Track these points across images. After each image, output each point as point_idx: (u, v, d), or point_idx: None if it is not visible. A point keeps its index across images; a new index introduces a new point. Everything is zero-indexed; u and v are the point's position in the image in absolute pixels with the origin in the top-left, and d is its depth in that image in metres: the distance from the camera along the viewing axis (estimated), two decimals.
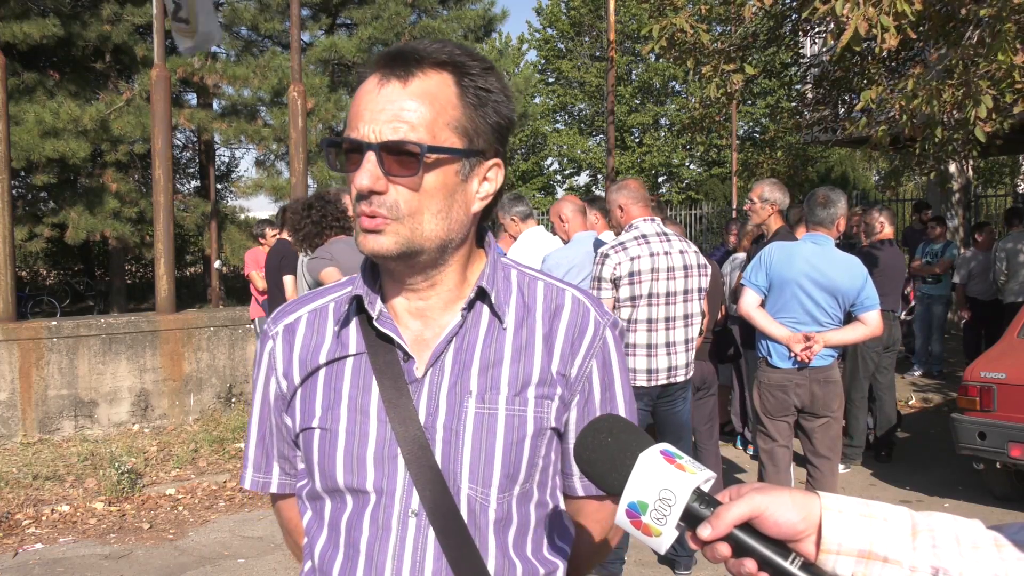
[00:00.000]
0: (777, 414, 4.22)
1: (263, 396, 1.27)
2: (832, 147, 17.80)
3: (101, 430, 7.12)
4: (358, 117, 1.10)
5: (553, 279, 1.27)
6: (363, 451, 1.15)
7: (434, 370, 1.16)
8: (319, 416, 1.18)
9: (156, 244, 7.80)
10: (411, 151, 1.08)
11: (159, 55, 7.85)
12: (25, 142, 11.86)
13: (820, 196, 4.22)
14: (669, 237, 4.10)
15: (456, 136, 1.12)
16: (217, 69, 13.90)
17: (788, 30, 8.89)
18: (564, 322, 1.21)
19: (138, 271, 22.92)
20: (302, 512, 1.25)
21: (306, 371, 1.21)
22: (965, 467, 5.72)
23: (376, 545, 1.14)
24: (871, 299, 4.12)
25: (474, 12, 16.49)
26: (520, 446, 1.15)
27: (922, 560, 0.87)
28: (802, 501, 0.88)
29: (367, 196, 1.09)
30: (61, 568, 4.55)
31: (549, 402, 1.18)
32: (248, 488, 1.30)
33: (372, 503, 1.14)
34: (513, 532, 1.17)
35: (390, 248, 1.10)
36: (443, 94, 1.10)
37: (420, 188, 1.10)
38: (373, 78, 1.12)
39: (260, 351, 1.28)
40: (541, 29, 28.11)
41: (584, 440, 0.97)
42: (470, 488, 1.14)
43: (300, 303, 1.28)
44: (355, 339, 1.20)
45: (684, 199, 25.41)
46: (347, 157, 1.12)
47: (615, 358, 1.24)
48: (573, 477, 1.25)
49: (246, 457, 1.31)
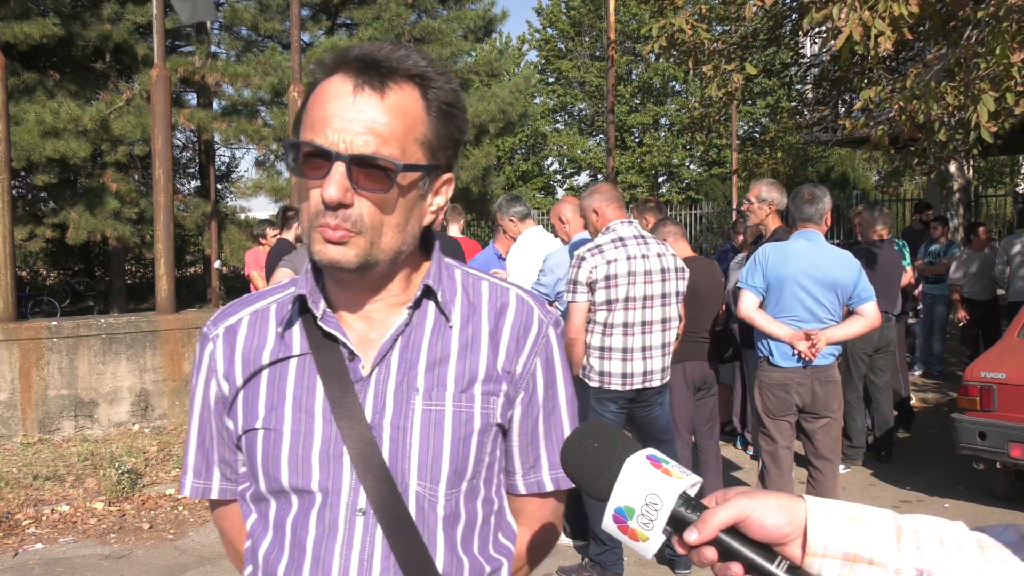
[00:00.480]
0: (779, 414, 4.21)
1: (203, 400, 1.25)
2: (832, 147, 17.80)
3: (101, 430, 7.12)
4: (325, 122, 1.07)
5: (496, 279, 1.28)
6: (308, 451, 1.14)
7: (380, 369, 1.16)
8: (263, 417, 1.17)
9: (156, 244, 7.80)
10: (384, 167, 1.07)
11: (159, 55, 7.85)
12: (25, 142, 11.86)
13: (806, 193, 4.24)
14: (647, 240, 4.06)
15: (422, 151, 1.12)
16: (217, 68, 13.91)
17: (788, 30, 8.89)
18: (509, 320, 1.22)
19: (138, 271, 22.92)
20: (246, 515, 1.24)
21: (248, 372, 1.20)
22: (965, 467, 5.72)
23: (323, 545, 1.13)
24: (867, 291, 4.15)
25: (474, 12, 16.49)
26: (467, 442, 1.16)
27: (907, 562, 0.87)
28: (787, 504, 0.89)
29: (334, 208, 1.07)
30: (61, 568, 4.55)
31: (495, 398, 1.19)
32: (188, 496, 1.28)
33: (318, 503, 1.14)
34: (461, 529, 1.18)
35: (351, 260, 1.10)
36: (413, 108, 1.10)
37: (384, 203, 1.10)
38: (343, 82, 1.09)
39: (200, 354, 1.25)
40: (541, 29, 28.12)
41: (571, 446, 0.97)
42: (419, 485, 1.14)
43: (241, 305, 1.27)
44: (299, 340, 1.19)
45: (684, 199, 25.41)
46: (306, 160, 1.09)
47: (557, 356, 1.26)
48: (516, 475, 1.26)
49: (185, 463, 1.28)
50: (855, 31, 4.98)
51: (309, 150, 1.08)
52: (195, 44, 15.52)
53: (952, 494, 5.58)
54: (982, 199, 16.53)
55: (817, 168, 24.62)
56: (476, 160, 15.59)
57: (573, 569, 4.33)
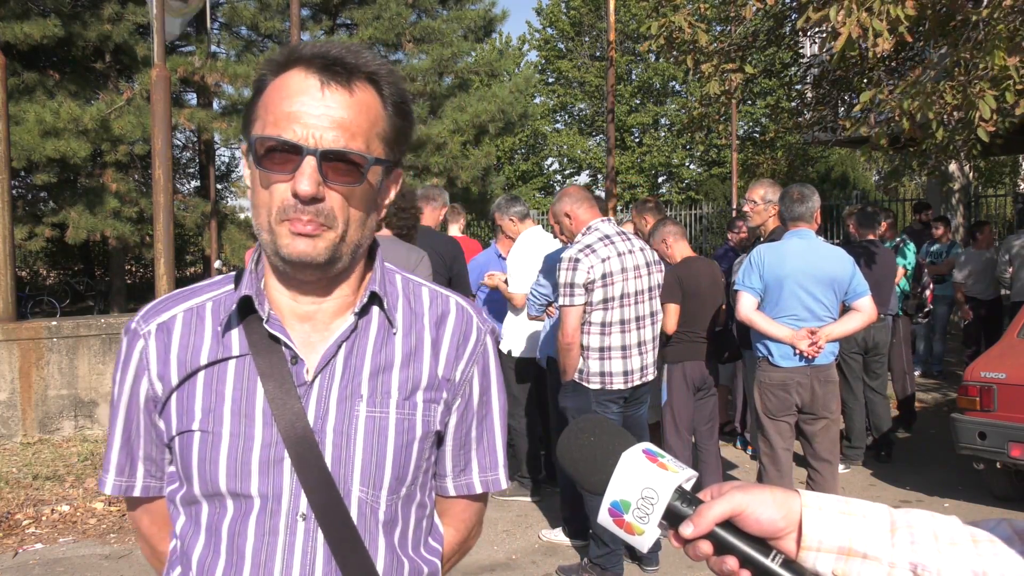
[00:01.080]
0: (779, 414, 4.21)
1: (131, 397, 1.22)
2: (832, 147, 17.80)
3: (101, 430, 7.12)
4: (292, 117, 1.07)
5: (435, 286, 1.30)
6: (248, 455, 1.13)
7: (324, 374, 1.16)
8: (199, 419, 1.15)
9: (156, 244, 7.80)
10: (354, 161, 1.09)
11: (159, 55, 7.85)
12: (25, 142, 11.86)
13: (795, 192, 4.25)
14: (627, 235, 4.09)
15: (382, 147, 1.14)
16: (217, 68, 13.90)
17: (788, 30, 8.88)
18: (449, 328, 1.24)
19: (138, 271, 22.92)
20: (174, 517, 1.22)
21: (184, 372, 1.17)
22: (965, 467, 5.72)
23: (263, 551, 1.13)
24: (862, 286, 4.18)
25: (474, 12, 16.49)
26: (409, 449, 1.18)
27: (901, 556, 0.88)
28: (783, 499, 0.90)
29: (308, 202, 1.07)
30: (61, 568, 4.55)
31: (436, 406, 1.21)
32: (110, 494, 1.26)
33: (257, 508, 1.13)
34: (399, 532, 1.20)
35: (321, 254, 1.10)
36: (375, 105, 1.13)
37: (352, 196, 1.11)
38: (305, 78, 1.09)
39: (127, 350, 1.22)
40: (541, 29, 28.12)
41: (567, 440, 0.97)
42: (361, 491, 1.15)
43: (173, 301, 1.24)
44: (238, 341, 1.17)
45: (684, 199, 25.41)
46: (268, 155, 1.09)
47: (493, 365, 1.29)
48: (447, 478, 1.28)
49: (107, 461, 1.25)
50: (853, 31, 4.99)
51: (273, 144, 1.08)
52: (195, 44, 15.51)
53: (952, 494, 5.58)
54: (982, 199, 16.52)
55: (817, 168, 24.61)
56: (476, 160, 15.59)
57: (573, 569, 4.33)
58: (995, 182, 25.60)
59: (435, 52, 15.30)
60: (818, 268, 4.10)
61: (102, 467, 1.27)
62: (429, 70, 15.33)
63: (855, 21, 4.98)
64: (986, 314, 8.95)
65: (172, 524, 1.23)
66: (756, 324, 4.19)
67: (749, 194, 4.91)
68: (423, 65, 15.36)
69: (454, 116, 15.08)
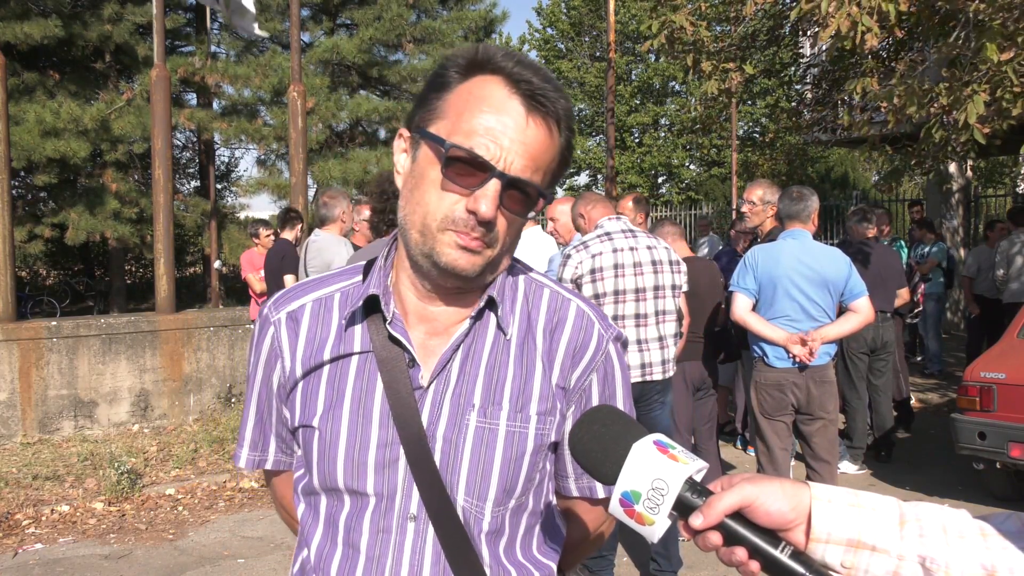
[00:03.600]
0: (775, 414, 4.21)
1: (264, 379, 1.25)
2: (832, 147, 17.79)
3: (101, 430, 7.12)
4: (489, 134, 1.08)
5: (560, 287, 1.27)
6: (364, 454, 1.15)
7: (439, 379, 1.16)
8: (320, 415, 1.17)
9: (156, 244, 7.80)
10: (530, 193, 1.11)
11: (159, 55, 7.85)
12: (25, 142, 11.86)
13: (794, 192, 4.25)
14: (636, 234, 4.03)
15: (548, 180, 1.16)
16: (217, 69, 13.91)
17: (787, 30, 8.89)
18: (566, 336, 1.21)
19: (138, 271, 22.90)
20: (296, 504, 1.25)
21: (309, 365, 1.19)
22: (965, 467, 5.72)
23: (376, 547, 1.15)
24: (859, 286, 4.15)
25: (475, 13, 16.49)
26: (519, 462, 1.16)
27: (909, 549, 0.88)
28: (792, 491, 0.90)
29: (483, 223, 1.08)
30: (61, 568, 4.55)
31: (551, 418, 1.19)
32: (242, 467, 1.30)
33: (372, 505, 1.15)
34: (504, 540, 1.19)
35: (476, 270, 1.12)
36: (556, 145, 1.14)
37: (514, 223, 1.14)
38: (509, 98, 1.10)
39: (259, 336, 1.25)
40: (541, 29, 28.12)
41: (578, 430, 0.98)
42: (465, 501, 1.15)
43: (303, 290, 1.26)
44: (361, 336, 1.19)
45: (684, 199, 25.39)
46: (453, 164, 1.09)
47: (618, 372, 1.25)
48: (569, 479, 1.26)
49: (241, 437, 1.30)
50: (842, 24, 4.99)
51: (464, 155, 1.08)
52: (195, 44, 15.52)
53: (952, 494, 5.58)
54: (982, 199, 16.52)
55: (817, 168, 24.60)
56: None
57: None
58: (995, 182, 25.58)
59: (435, 52, 15.29)
60: (812, 268, 4.09)
61: (237, 443, 1.31)
62: (429, 70, 15.31)
63: (844, 14, 4.99)
64: (992, 313, 8.98)
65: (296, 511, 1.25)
66: (750, 325, 4.19)
67: (747, 194, 4.89)
68: (423, 65, 15.36)
69: None
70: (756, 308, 4.21)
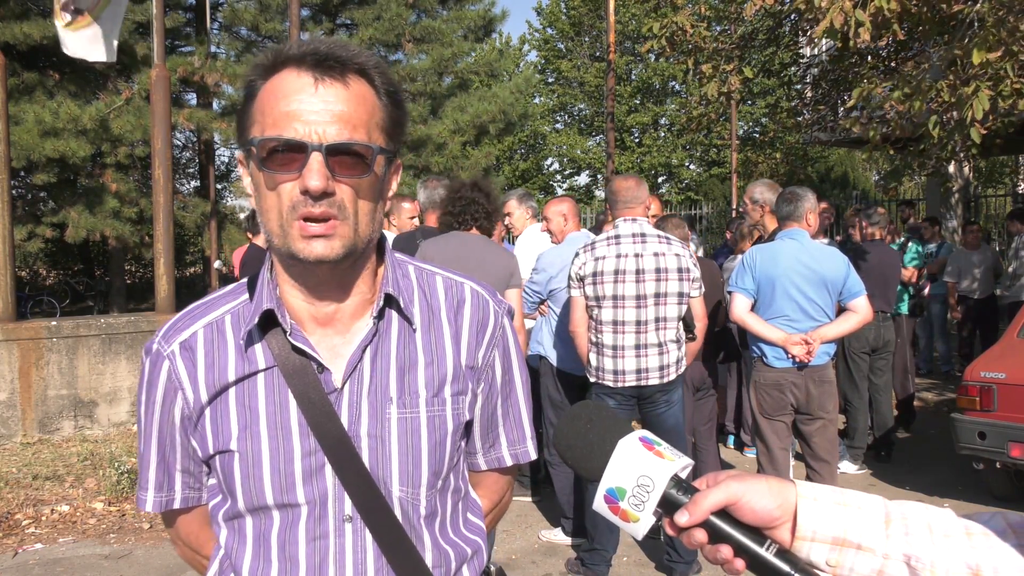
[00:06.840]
0: (774, 413, 4.21)
1: (164, 416, 1.21)
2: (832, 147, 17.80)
3: (101, 430, 7.12)
4: (291, 117, 1.07)
5: (448, 272, 1.29)
6: (290, 467, 1.14)
7: (352, 380, 1.16)
8: (236, 437, 1.16)
9: (156, 244, 7.80)
10: (359, 152, 1.09)
11: (159, 55, 7.85)
12: (25, 142, 11.85)
13: (787, 193, 4.27)
14: (646, 239, 3.95)
15: (383, 137, 1.14)
16: (217, 68, 13.89)
17: (787, 30, 8.89)
18: (467, 317, 1.25)
19: (138, 271, 22.89)
20: (217, 532, 1.23)
21: (215, 389, 1.17)
22: (965, 467, 5.72)
23: (316, 555, 1.15)
24: (857, 286, 4.16)
25: (474, 12, 16.48)
26: (443, 445, 1.20)
27: (895, 547, 0.88)
28: (778, 489, 0.90)
29: (319, 197, 1.07)
30: (61, 568, 4.55)
31: (463, 397, 1.22)
32: (151, 511, 1.25)
33: (304, 514, 1.15)
34: (438, 521, 1.22)
35: (338, 252, 1.10)
36: (370, 96, 1.13)
37: (360, 188, 1.11)
38: (299, 77, 1.09)
39: (152, 372, 1.21)
40: (541, 29, 28.11)
41: (564, 427, 0.97)
42: (401, 491, 1.17)
43: (191, 318, 1.22)
44: (263, 353, 1.17)
45: (684, 199, 25.39)
46: (272, 157, 1.08)
47: (512, 343, 1.31)
48: (477, 455, 1.31)
49: (144, 480, 1.25)
50: (835, 19, 4.99)
51: (276, 145, 1.07)
52: (195, 44, 15.51)
53: (952, 494, 5.58)
54: (982, 199, 16.52)
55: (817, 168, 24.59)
56: (476, 160, 15.58)
57: (572, 567, 4.35)
58: (995, 182, 25.58)
59: (435, 52, 15.29)
60: (810, 268, 4.09)
61: (139, 486, 1.27)
62: (429, 70, 15.32)
63: (839, 8, 4.99)
64: (977, 314, 9.00)
65: (215, 534, 1.24)
66: (749, 326, 4.20)
67: (746, 194, 4.96)
68: (423, 65, 15.35)
69: (454, 116, 15.08)
70: (755, 308, 4.22)
